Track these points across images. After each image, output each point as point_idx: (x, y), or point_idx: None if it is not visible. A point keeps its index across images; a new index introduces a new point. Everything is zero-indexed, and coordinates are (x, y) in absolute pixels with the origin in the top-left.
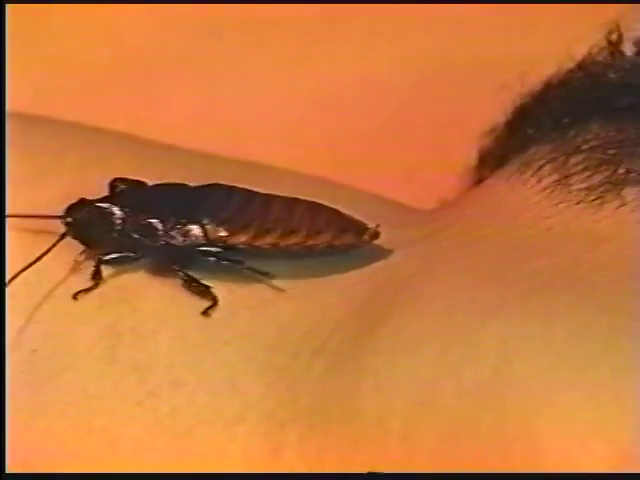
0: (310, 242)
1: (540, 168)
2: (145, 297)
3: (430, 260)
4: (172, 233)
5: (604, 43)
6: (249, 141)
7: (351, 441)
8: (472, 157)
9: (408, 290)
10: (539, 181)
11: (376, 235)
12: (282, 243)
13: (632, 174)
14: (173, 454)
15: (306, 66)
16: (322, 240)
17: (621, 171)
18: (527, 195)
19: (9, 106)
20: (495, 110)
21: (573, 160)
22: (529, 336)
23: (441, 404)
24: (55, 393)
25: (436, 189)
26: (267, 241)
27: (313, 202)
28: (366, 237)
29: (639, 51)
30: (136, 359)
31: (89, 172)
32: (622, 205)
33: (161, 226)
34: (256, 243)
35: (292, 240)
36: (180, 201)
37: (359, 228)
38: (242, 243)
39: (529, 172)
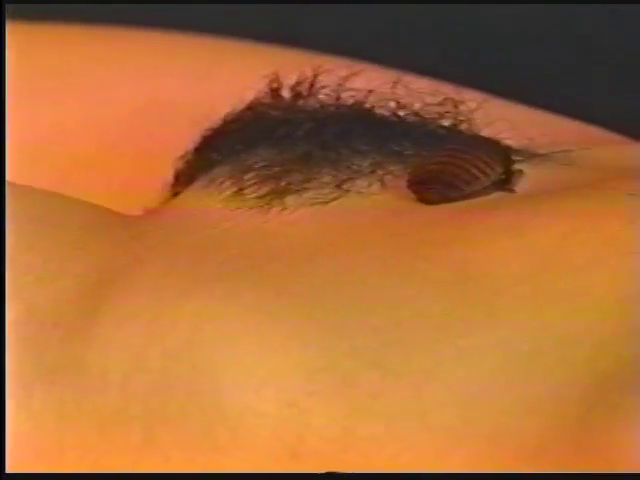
0: None
1: (221, 183)
2: None
3: (139, 254)
4: None
5: (268, 89)
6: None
7: (82, 391)
8: (170, 176)
9: (123, 277)
10: (220, 193)
11: None
12: None
13: (290, 185)
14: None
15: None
16: None
17: (283, 184)
18: (211, 204)
19: None
20: (187, 140)
21: (247, 177)
22: (214, 311)
23: (150, 363)
24: None
25: (143, 200)
26: None
27: None
28: None
29: (294, 95)
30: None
31: None
32: (284, 209)
33: None
34: None
35: None
36: None
37: None
38: None
39: (213, 187)
